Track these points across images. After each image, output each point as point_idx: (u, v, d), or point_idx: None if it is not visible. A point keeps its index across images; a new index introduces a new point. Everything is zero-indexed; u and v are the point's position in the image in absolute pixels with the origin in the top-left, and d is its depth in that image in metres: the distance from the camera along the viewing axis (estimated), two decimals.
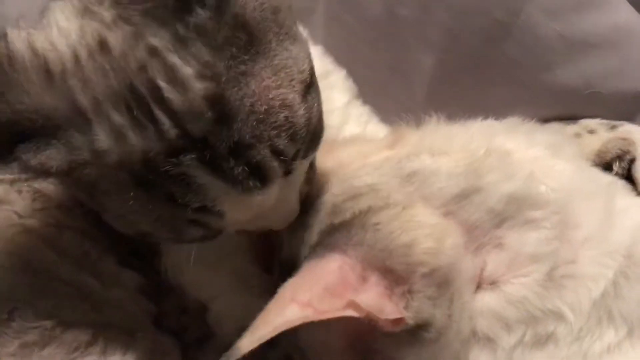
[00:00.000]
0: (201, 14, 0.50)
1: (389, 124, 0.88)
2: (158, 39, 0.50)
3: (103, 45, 0.51)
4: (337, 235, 0.59)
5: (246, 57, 0.52)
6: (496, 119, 0.72)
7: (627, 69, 0.82)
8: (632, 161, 0.74)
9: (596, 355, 0.59)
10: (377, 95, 0.91)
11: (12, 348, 0.63)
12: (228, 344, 0.74)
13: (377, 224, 0.58)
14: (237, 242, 0.75)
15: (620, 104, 0.83)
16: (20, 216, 0.69)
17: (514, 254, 0.60)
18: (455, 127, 0.70)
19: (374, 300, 0.55)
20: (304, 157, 0.58)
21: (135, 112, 0.50)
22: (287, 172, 0.56)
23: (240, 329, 0.73)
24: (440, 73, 0.87)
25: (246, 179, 0.53)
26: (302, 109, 0.55)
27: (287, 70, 0.55)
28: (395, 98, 0.91)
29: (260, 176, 0.54)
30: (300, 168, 0.60)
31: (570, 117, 0.83)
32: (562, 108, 0.84)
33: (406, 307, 0.56)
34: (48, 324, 0.64)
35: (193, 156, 0.51)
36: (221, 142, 0.51)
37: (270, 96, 0.53)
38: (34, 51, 0.51)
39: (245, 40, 0.52)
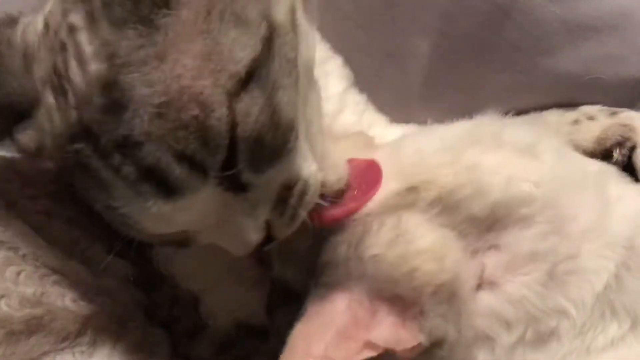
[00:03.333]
0: None
1: (385, 112, 0.87)
2: (77, 16, 0.48)
3: (46, 26, 0.51)
4: (335, 271, 0.57)
5: (158, 38, 0.46)
6: (494, 106, 0.70)
7: (628, 54, 0.81)
8: (632, 148, 0.73)
9: (599, 349, 0.58)
10: (373, 81, 0.90)
11: None
12: (220, 336, 0.74)
13: (375, 256, 0.56)
14: None
15: (621, 90, 0.82)
16: (9, 205, 0.68)
17: (511, 254, 0.59)
18: (423, 145, 0.66)
19: (389, 333, 0.54)
20: (256, 170, 0.50)
21: (57, 93, 0.49)
22: (234, 186, 0.50)
23: (233, 321, 0.73)
24: (437, 58, 0.86)
25: (137, 182, 0.47)
26: (224, 108, 0.46)
27: (214, 59, 0.47)
28: (392, 84, 0.90)
29: (160, 183, 0.47)
30: (261, 187, 0.52)
31: (570, 104, 0.82)
32: (562, 94, 0.83)
33: (420, 330, 0.55)
34: (36, 312, 0.63)
35: (83, 146, 0.48)
36: (107, 133, 0.46)
37: (179, 87, 0.46)
38: (22, 36, 0.52)
39: (162, 17, 0.46)
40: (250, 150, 0.48)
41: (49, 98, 0.50)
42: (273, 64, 0.49)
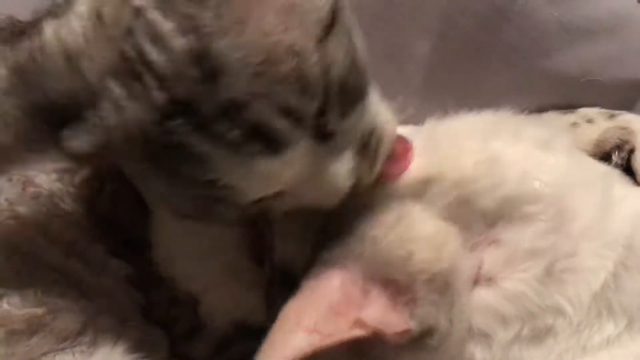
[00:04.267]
0: None
1: None
2: None
3: (100, 17, 0.49)
4: (335, 249, 0.57)
5: (240, 3, 0.47)
6: (492, 107, 0.70)
7: (626, 56, 0.81)
8: (631, 151, 0.73)
9: (595, 347, 0.58)
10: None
11: None
12: (218, 336, 0.75)
13: (375, 236, 0.57)
14: (230, 235, 0.74)
15: (619, 92, 0.82)
16: (10, 203, 0.69)
17: (511, 250, 0.59)
18: (442, 134, 0.67)
19: (379, 314, 0.54)
20: (342, 115, 0.51)
21: (128, 81, 0.48)
22: (322, 135, 0.51)
23: (232, 322, 0.73)
24: (436, 59, 0.86)
25: (246, 142, 0.48)
26: (316, 56, 0.48)
27: (298, 11, 0.48)
28: (391, 85, 0.90)
29: (266, 140, 0.48)
30: (345, 133, 0.53)
31: (568, 107, 0.82)
32: (560, 96, 0.83)
33: (411, 316, 0.55)
34: (37, 311, 0.63)
35: (182, 121, 0.47)
36: (209, 102, 0.46)
37: (271, 43, 0.47)
38: (57, 38, 0.51)
39: None
40: (337, 95, 0.50)
41: (115, 89, 0.48)
42: (345, 9, 0.52)
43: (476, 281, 0.59)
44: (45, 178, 0.70)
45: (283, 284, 0.56)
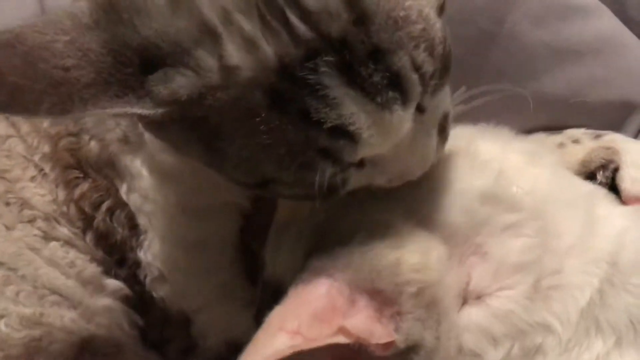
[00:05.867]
0: None
1: None
2: None
3: None
4: (322, 258, 0.57)
5: None
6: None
7: (613, 77, 0.82)
8: (616, 170, 0.74)
9: None
10: None
11: None
12: (211, 356, 0.75)
13: (363, 246, 0.57)
14: (223, 254, 0.74)
15: (607, 113, 0.83)
16: (7, 228, 0.69)
17: (497, 263, 0.59)
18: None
19: (364, 324, 0.53)
20: (434, 91, 0.53)
21: (267, 18, 0.47)
22: (418, 107, 0.52)
23: (225, 341, 0.74)
24: None
25: (385, 89, 0.48)
26: (439, 24, 0.51)
27: None
28: None
29: (400, 88, 0.49)
30: (433, 109, 0.55)
31: (556, 128, 0.83)
32: (548, 117, 0.84)
33: (396, 330, 0.55)
34: (35, 333, 0.64)
35: (331, 59, 0.47)
36: (361, 43, 0.47)
37: (407, 4, 0.49)
38: None
39: None
40: (444, 65, 0.53)
41: (246, 26, 0.47)
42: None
43: (465, 300, 0.60)
44: (41, 200, 0.71)
45: (273, 300, 0.56)
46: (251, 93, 0.47)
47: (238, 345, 0.64)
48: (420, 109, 0.52)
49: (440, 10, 0.52)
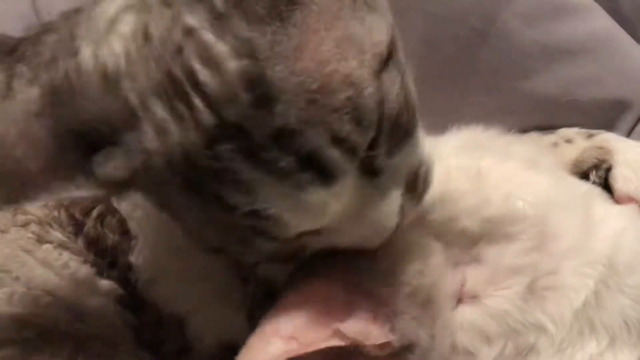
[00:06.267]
0: None
1: None
2: (194, 17, 0.46)
3: (146, 35, 0.47)
4: (317, 260, 0.56)
5: (295, 30, 0.45)
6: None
7: (605, 76, 0.82)
8: (608, 169, 0.74)
9: None
10: None
11: None
12: (206, 357, 0.75)
13: None
14: (216, 256, 0.74)
15: (599, 112, 0.83)
16: (1, 231, 0.69)
17: (493, 268, 0.60)
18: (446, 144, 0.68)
19: (360, 326, 0.53)
20: (389, 152, 0.50)
21: (174, 102, 0.46)
22: (370, 171, 0.50)
23: (220, 343, 0.73)
24: (418, 81, 0.86)
25: (296, 172, 0.46)
26: (372, 86, 0.47)
27: (357, 43, 0.47)
28: None
29: (318, 170, 0.46)
30: (392, 171, 0.51)
31: (549, 127, 0.83)
32: (541, 116, 0.84)
33: (392, 330, 0.54)
34: (29, 334, 0.63)
35: (231, 146, 0.45)
36: (261, 128, 0.45)
37: (328, 71, 0.45)
38: (95, 58, 0.49)
39: (297, 10, 0.46)
40: (389, 130, 0.49)
41: (159, 111, 0.46)
42: (399, 47, 0.52)
43: (460, 299, 0.60)
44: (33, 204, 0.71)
45: (266, 299, 0.56)
46: (171, 176, 0.48)
47: (232, 347, 0.65)
48: (373, 173, 0.50)
49: (382, 65, 0.49)
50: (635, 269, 0.61)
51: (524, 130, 0.83)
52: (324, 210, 0.49)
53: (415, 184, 0.54)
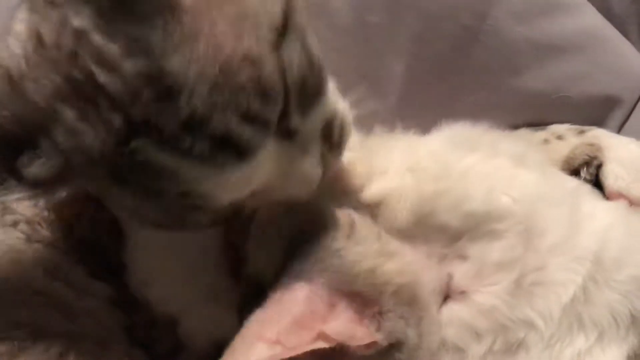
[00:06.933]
0: None
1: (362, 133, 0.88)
2: (81, 19, 0.45)
3: (39, 38, 0.47)
4: (301, 261, 0.57)
5: (187, 18, 0.45)
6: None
7: (595, 72, 0.83)
8: (599, 166, 0.74)
9: None
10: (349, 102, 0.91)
11: None
12: (199, 356, 0.75)
13: (339, 249, 0.57)
14: (206, 255, 0.74)
15: (590, 108, 0.83)
16: None
17: (479, 264, 0.60)
18: (410, 142, 0.69)
19: (344, 327, 0.53)
20: (303, 113, 0.51)
21: (79, 104, 0.46)
22: (286, 134, 0.51)
23: (212, 342, 0.74)
24: (410, 79, 0.87)
25: (213, 154, 0.47)
26: (272, 59, 0.47)
27: (250, 18, 0.47)
28: (367, 106, 0.91)
29: (234, 148, 0.47)
30: (307, 129, 0.53)
31: (540, 123, 0.84)
32: (532, 113, 0.84)
33: (378, 329, 0.55)
34: (19, 334, 0.63)
35: (144, 141, 0.46)
36: (169, 120, 0.45)
37: (226, 53, 0.45)
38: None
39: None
40: (297, 95, 0.50)
41: (68, 114, 0.46)
42: (297, 12, 0.51)
43: (448, 295, 0.60)
44: (22, 204, 0.70)
45: (255, 297, 0.55)
46: (94, 171, 0.48)
47: (225, 345, 0.65)
48: (289, 135, 0.51)
49: (280, 35, 0.49)
50: (623, 264, 0.61)
51: (515, 126, 0.83)
52: (247, 182, 0.50)
53: (331, 134, 0.56)
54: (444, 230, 0.61)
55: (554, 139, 0.80)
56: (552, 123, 0.83)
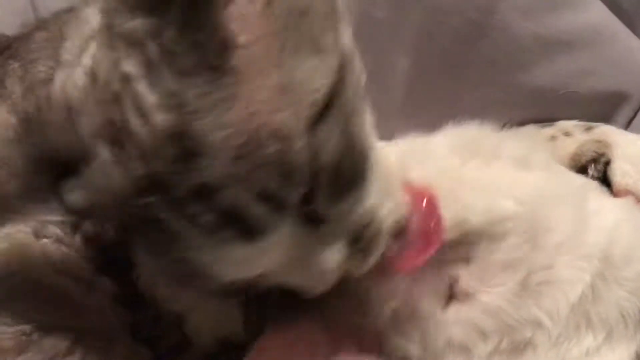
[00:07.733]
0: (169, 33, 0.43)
1: None
2: (130, 65, 0.44)
3: (94, 76, 0.46)
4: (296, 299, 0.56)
5: (228, 81, 0.43)
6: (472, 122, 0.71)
7: (602, 68, 0.82)
8: (607, 163, 0.74)
9: None
10: None
11: None
12: (204, 353, 0.75)
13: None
14: None
15: (597, 104, 0.83)
16: None
17: (484, 265, 0.60)
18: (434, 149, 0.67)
19: None
20: (332, 200, 0.48)
21: (114, 147, 0.45)
22: (311, 221, 0.48)
23: (217, 339, 0.74)
24: (416, 75, 0.87)
25: (219, 228, 0.45)
26: (304, 139, 0.44)
27: (292, 90, 0.44)
28: (372, 102, 0.91)
29: (241, 225, 0.45)
30: (337, 220, 0.50)
31: (548, 120, 0.83)
32: (539, 109, 0.84)
33: (378, 356, 0.55)
34: (26, 328, 0.63)
35: (156, 198, 0.44)
36: (181, 183, 0.44)
37: (257, 125, 0.43)
38: (63, 89, 0.49)
39: (230, 60, 0.43)
40: (329, 180, 0.47)
41: (104, 153, 0.45)
42: (347, 90, 0.48)
43: (454, 297, 0.60)
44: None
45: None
46: (115, 215, 0.49)
47: (229, 342, 0.65)
48: (314, 222, 0.49)
49: (320, 115, 0.45)
50: (631, 261, 0.61)
51: (522, 122, 0.82)
52: (251, 263, 0.48)
53: (362, 239, 0.52)
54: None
55: (562, 136, 0.79)
56: (559, 119, 0.82)
